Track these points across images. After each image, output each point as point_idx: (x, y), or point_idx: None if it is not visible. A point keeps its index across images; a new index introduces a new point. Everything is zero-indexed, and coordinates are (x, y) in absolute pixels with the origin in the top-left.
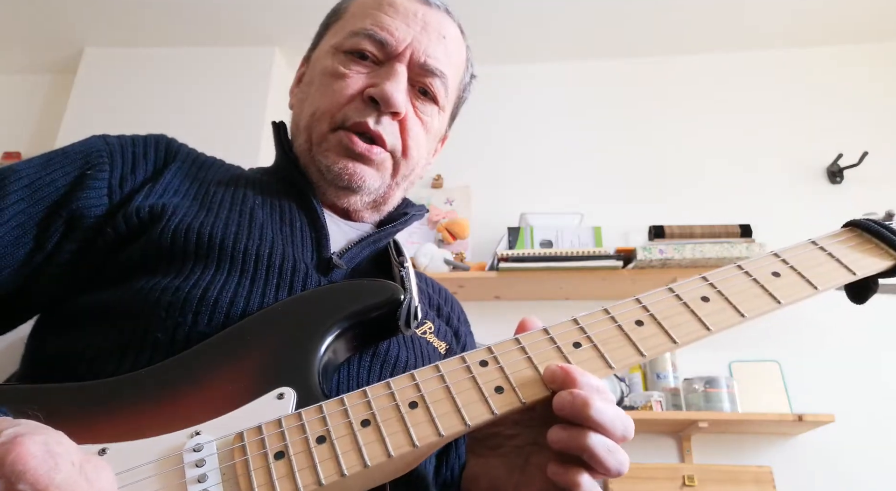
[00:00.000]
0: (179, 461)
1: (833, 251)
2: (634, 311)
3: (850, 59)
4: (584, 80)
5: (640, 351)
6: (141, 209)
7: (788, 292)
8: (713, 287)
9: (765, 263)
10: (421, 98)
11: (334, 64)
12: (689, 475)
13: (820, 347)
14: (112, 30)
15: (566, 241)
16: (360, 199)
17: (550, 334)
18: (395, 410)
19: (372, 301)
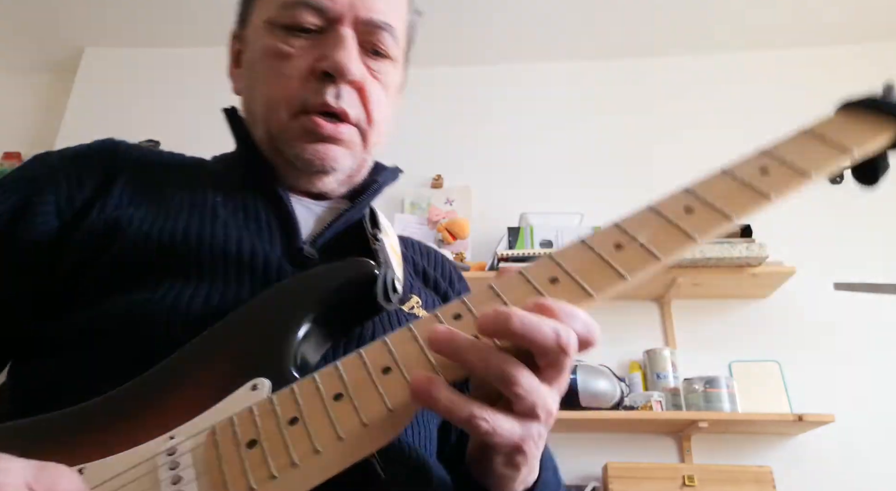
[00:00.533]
0: (153, 466)
1: (826, 134)
2: (614, 235)
3: (849, 59)
4: (585, 80)
5: (621, 274)
6: (95, 225)
7: (779, 187)
8: (697, 197)
9: (752, 162)
10: (373, 57)
11: (274, 42)
12: (689, 475)
13: (820, 347)
14: (112, 30)
15: (566, 241)
16: (334, 179)
17: (525, 275)
18: (367, 378)
19: (342, 280)
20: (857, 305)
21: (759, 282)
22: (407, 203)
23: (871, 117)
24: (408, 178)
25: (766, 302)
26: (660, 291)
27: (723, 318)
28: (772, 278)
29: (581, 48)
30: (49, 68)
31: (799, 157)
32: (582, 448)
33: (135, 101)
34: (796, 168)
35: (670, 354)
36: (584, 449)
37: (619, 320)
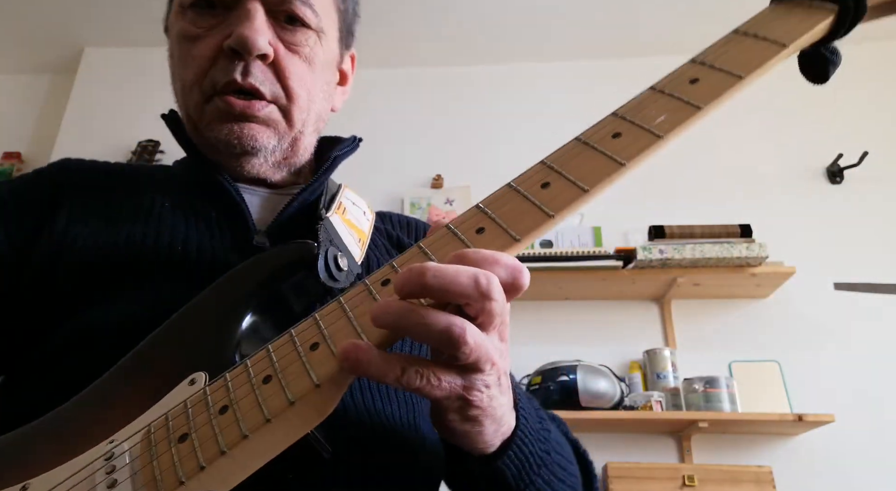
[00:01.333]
0: (91, 471)
1: (757, 31)
2: (540, 174)
3: (849, 59)
4: (584, 80)
5: (546, 212)
6: (43, 258)
7: (709, 93)
8: (625, 120)
9: (681, 72)
10: (289, 28)
11: (184, 25)
12: (689, 475)
13: (820, 347)
14: (112, 30)
15: (566, 241)
16: (263, 161)
17: (452, 229)
18: (295, 356)
19: (279, 264)
20: (857, 305)
21: (759, 282)
22: (407, 203)
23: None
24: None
25: (766, 302)
26: (660, 291)
27: (723, 318)
28: (772, 278)
29: (581, 48)
30: (49, 68)
31: (729, 59)
32: None
33: (135, 101)
34: (727, 71)
35: (670, 354)
36: None
37: (619, 320)
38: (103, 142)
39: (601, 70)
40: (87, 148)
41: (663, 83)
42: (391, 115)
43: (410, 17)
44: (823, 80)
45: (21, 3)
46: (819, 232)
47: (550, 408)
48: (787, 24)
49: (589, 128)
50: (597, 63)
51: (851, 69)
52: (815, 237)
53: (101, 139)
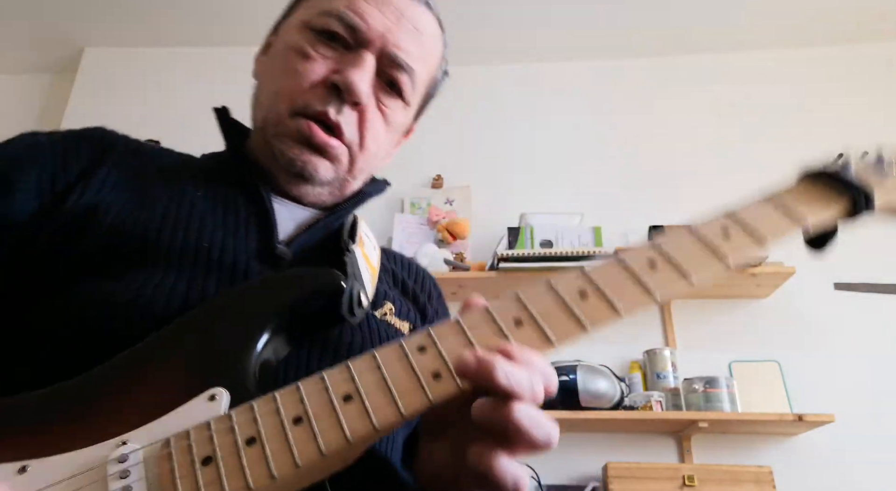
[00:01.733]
0: (103, 472)
1: (783, 202)
2: (577, 282)
3: (850, 59)
4: (585, 80)
5: (583, 324)
6: (75, 210)
7: (736, 253)
8: (661, 253)
9: (715, 224)
10: (386, 90)
11: (301, 41)
12: (689, 475)
13: (820, 347)
14: (112, 30)
15: (566, 241)
16: (311, 189)
17: (491, 313)
18: (328, 404)
19: (308, 291)
20: (857, 305)
21: (759, 282)
22: (407, 203)
23: (826, 189)
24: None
25: (766, 302)
26: None
27: (723, 318)
28: (772, 278)
29: (581, 48)
30: (49, 68)
31: (758, 224)
32: (582, 448)
33: (135, 101)
34: (754, 235)
35: (670, 354)
36: (584, 449)
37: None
38: None
39: (601, 70)
40: None
41: (701, 230)
42: None
43: None
44: (819, 250)
45: (21, 3)
46: None
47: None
48: (811, 207)
49: (630, 249)
50: (596, 63)
51: (852, 69)
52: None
53: None
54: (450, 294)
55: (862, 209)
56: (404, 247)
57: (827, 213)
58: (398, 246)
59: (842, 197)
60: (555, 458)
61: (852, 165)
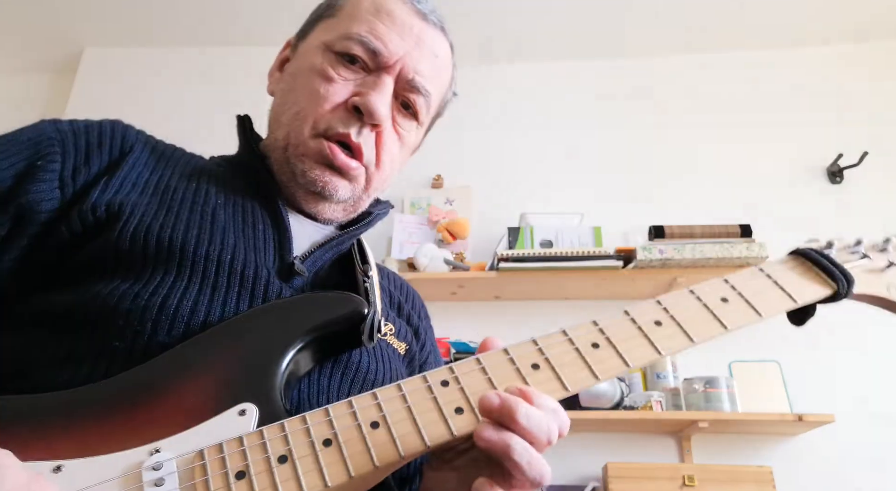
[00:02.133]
0: (139, 480)
1: (778, 279)
2: (591, 333)
3: (850, 59)
4: (585, 80)
5: (595, 374)
6: (98, 207)
7: (735, 318)
8: (666, 311)
9: (715, 289)
10: (402, 112)
11: (323, 63)
12: (689, 475)
13: (820, 347)
14: (112, 30)
15: (566, 241)
16: (329, 206)
17: (510, 355)
18: (356, 429)
19: (335, 315)
20: (857, 305)
21: None
22: (407, 203)
23: (815, 271)
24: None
25: None
26: (660, 291)
27: None
28: None
29: (581, 48)
30: (49, 68)
31: (755, 295)
32: (582, 448)
33: (135, 101)
34: (752, 306)
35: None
36: (584, 449)
37: None
38: None
39: (601, 70)
40: None
41: (701, 291)
42: None
43: None
44: (801, 325)
45: (21, 3)
46: (819, 232)
47: None
48: (802, 286)
49: (637, 307)
50: (597, 63)
51: (852, 69)
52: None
53: None
54: (449, 294)
55: (843, 296)
56: (404, 247)
57: (816, 294)
58: (398, 246)
59: (828, 282)
60: (555, 458)
61: (835, 249)
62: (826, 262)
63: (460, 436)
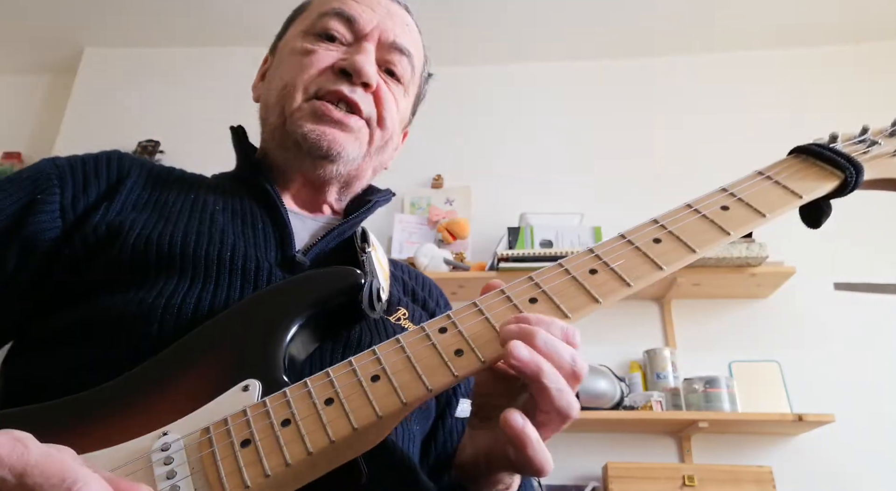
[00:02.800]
0: (148, 461)
1: (779, 179)
2: (587, 261)
3: (849, 59)
4: (585, 80)
5: (595, 297)
6: (98, 227)
7: (738, 223)
8: (664, 228)
9: (714, 199)
10: (387, 77)
11: (303, 44)
12: (689, 475)
13: (820, 347)
14: (112, 30)
15: (566, 241)
16: (336, 168)
17: (507, 293)
18: (357, 385)
19: (331, 288)
20: (857, 305)
21: (759, 282)
22: (407, 203)
23: (819, 165)
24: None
25: (766, 302)
26: (660, 291)
27: (723, 318)
28: (772, 278)
29: (581, 48)
30: (49, 68)
31: (756, 198)
32: (582, 448)
33: (135, 101)
34: (753, 208)
35: (670, 354)
36: (584, 449)
37: (619, 320)
38: (103, 142)
39: (601, 70)
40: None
41: (699, 203)
42: None
43: None
44: (817, 226)
45: (21, 3)
46: (819, 232)
47: None
48: (805, 181)
49: (634, 227)
50: (597, 63)
51: (852, 69)
52: (815, 237)
53: (101, 139)
54: (450, 294)
55: (853, 184)
56: (404, 247)
57: (821, 187)
58: (398, 246)
59: (834, 173)
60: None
61: (840, 142)
62: (829, 153)
63: (462, 376)
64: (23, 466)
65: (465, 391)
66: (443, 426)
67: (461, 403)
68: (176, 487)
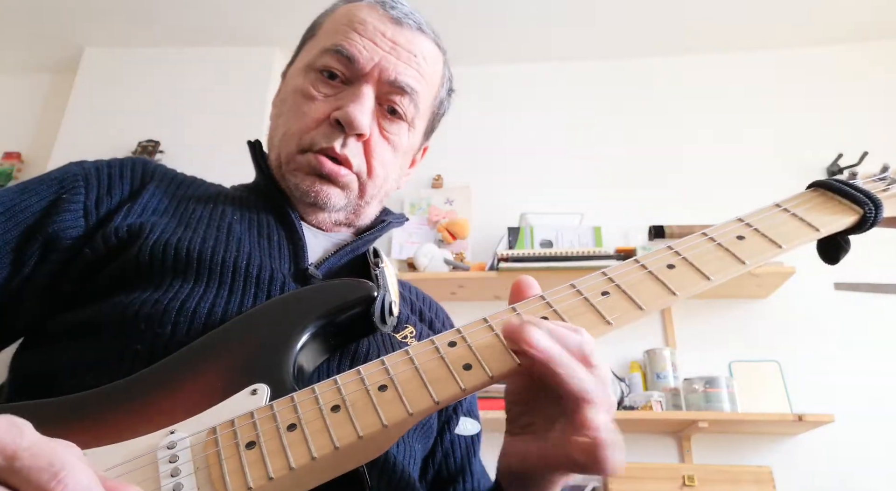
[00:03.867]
0: (154, 459)
1: (797, 211)
2: (601, 283)
3: (850, 59)
4: (585, 81)
5: (606, 320)
6: (119, 229)
7: (753, 253)
8: (678, 255)
9: (729, 228)
10: (389, 117)
11: (305, 83)
12: (689, 475)
13: (820, 347)
14: (112, 30)
15: (566, 241)
16: (328, 215)
17: (518, 311)
18: (364, 393)
19: (345, 298)
20: (857, 305)
21: (759, 282)
22: (407, 203)
23: (836, 202)
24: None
25: (766, 302)
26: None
27: (723, 318)
28: (772, 278)
29: (581, 48)
30: (49, 68)
31: (772, 229)
32: None
33: (135, 101)
34: (769, 239)
35: (670, 354)
36: None
37: None
38: (103, 142)
39: (601, 70)
40: (87, 148)
41: (715, 232)
42: None
43: None
44: (835, 263)
45: (21, 3)
46: None
47: None
48: (823, 216)
49: (649, 253)
50: (597, 63)
51: (852, 69)
52: None
53: (101, 139)
54: (449, 294)
55: (872, 221)
56: (404, 247)
57: (839, 222)
58: (398, 246)
59: (853, 208)
60: None
61: (860, 179)
62: (849, 188)
63: (470, 389)
64: (13, 450)
65: (467, 409)
66: (441, 443)
67: (463, 422)
68: (179, 484)
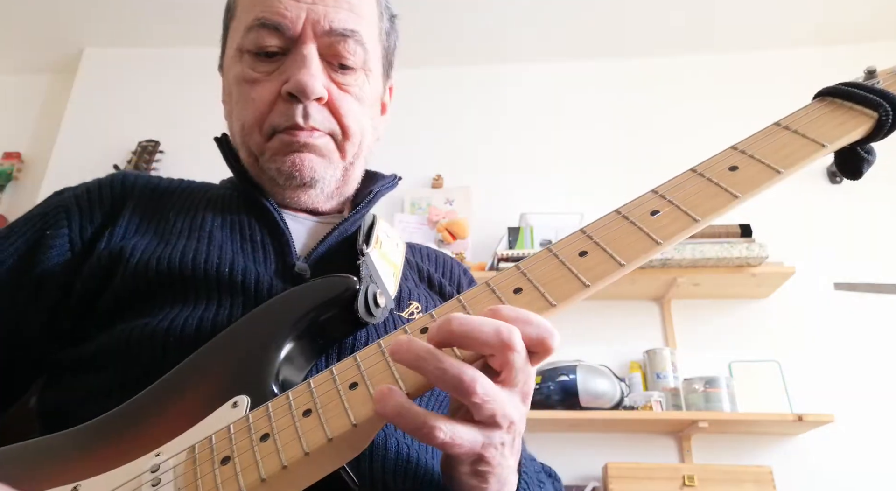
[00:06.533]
0: (139, 483)
1: (798, 128)
2: (580, 241)
3: (849, 60)
4: (585, 81)
5: (583, 281)
6: (102, 256)
7: (749, 184)
8: (663, 198)
9: (720, 159)
10: (341, 71)
11: (243, 68)
12: (689, 475)
13: (820, 347)
14: (112, 30)
15: None
16: (319, 192)
17: (491, 285)
18: (335, 394)
19: (319, 301)
20: (857, 305)
21: (759, 282)
22: (407, 203)
23: (847, 106)
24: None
25: (766, 302)
26: (660, 291)
27: (723, 318)
28: (772, 278)
29: (581, 48)
30: (49, 68)
31: (770, 152)
32: (582, 448)
33: (135, 101)
34: (767, 165)
35: (670, 354)
36: (584, 449)
37: (619, 320)
38: (103, 142)
39: (601, 70)
40: (87, 148)
41: (703, 166)
42: (391, 115)
43: (409, 17)
44: (858, 177)
45: (21, 3)
46: (819, 232)
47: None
48: (829, 126)
49: (629, 202)
50: (597, 63)
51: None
52: (815, 237)
53: (101, 139)
54: None
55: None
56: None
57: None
58: None
59: (865, 113)
60: (555, 458)
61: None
62: (859, 91)
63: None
64: None
65: None
66: None
67: None
68: None
